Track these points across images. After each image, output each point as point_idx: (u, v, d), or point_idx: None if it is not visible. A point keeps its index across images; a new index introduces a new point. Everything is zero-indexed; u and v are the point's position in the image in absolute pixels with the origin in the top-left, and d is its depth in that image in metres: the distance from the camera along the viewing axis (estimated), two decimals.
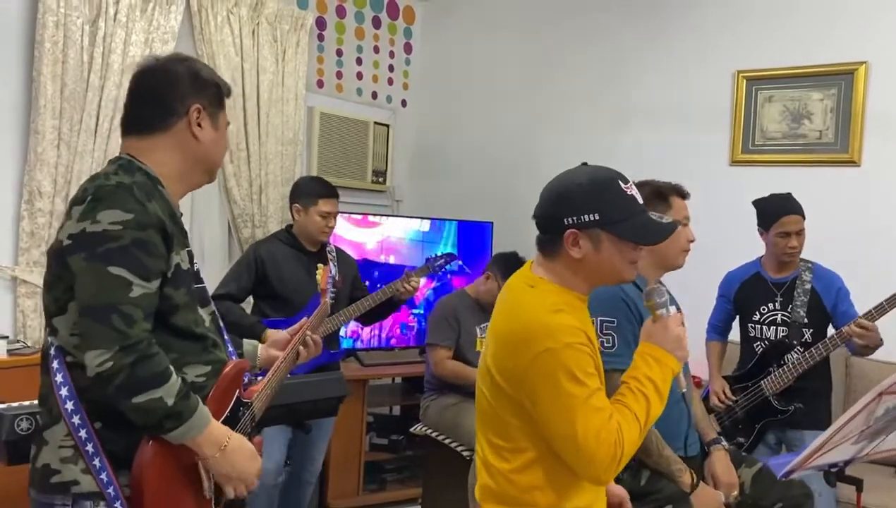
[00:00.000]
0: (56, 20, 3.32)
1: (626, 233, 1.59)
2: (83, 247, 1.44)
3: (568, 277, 1.64)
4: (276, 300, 3.15)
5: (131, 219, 1.45)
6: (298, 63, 4.33)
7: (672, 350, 1.62)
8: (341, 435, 3.81)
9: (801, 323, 2.96)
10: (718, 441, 2.33)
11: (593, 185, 1.61)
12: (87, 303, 1.43)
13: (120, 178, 1.51)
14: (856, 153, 3.63)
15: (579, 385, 1.52)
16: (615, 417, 1.53)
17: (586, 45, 4.51)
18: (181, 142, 1.61)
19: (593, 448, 1.50)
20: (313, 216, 3.18)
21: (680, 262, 2.31)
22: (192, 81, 1.62)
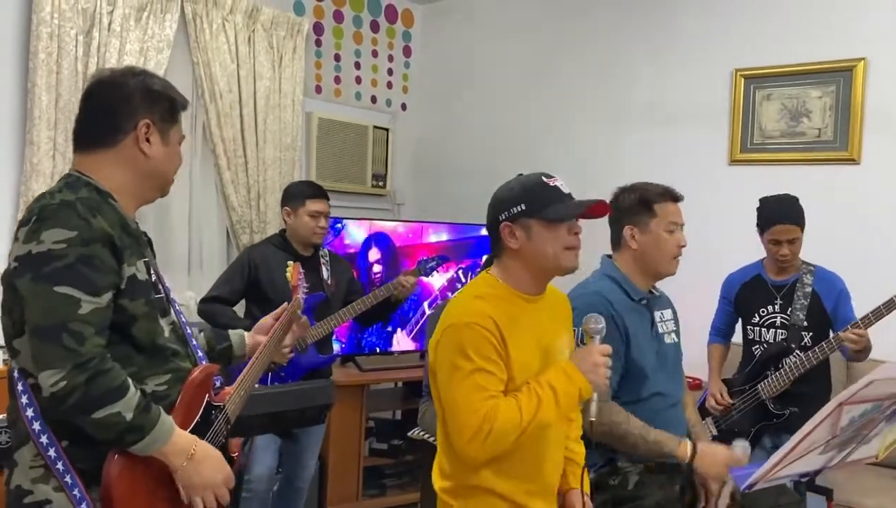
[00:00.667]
0: (50, 31, 3.34)
1: (548, 214, 1.75)
2: (29, 268, 1.44)
3: (514, 272, 1.80)
4: (268, 304, 3.12)
5: (75, 237, 1.44)
6: (295, 69, 4.34)
7: (585, 372, 1.72)
8: (340, 440, 3.81)
9: (801, 327, 2.92)
10: None
11: (520, 184, 1.82)
12: (36, 324, 1.43)
13: (63, 196, 1.50)
14: (855, 150, 3.58)
15: (466, 359, 1.67)
16: (497, 399, 1.66)
17: (584, 46, 4.49)
18: (128, 158, 1.59)
19: (463, 417, 1.65)
20: (303, 217, 3.19)
21: (671, 269, 2.27)
22: (143, 96, 1.60)
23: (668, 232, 2.23)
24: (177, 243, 3.92)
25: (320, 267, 3.27)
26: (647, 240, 2.23)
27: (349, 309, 3.20)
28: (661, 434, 2.12)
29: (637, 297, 2.24)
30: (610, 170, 4.30)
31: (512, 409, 1.65)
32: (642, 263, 2.26)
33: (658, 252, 2.23)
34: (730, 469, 2.10)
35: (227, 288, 3.16)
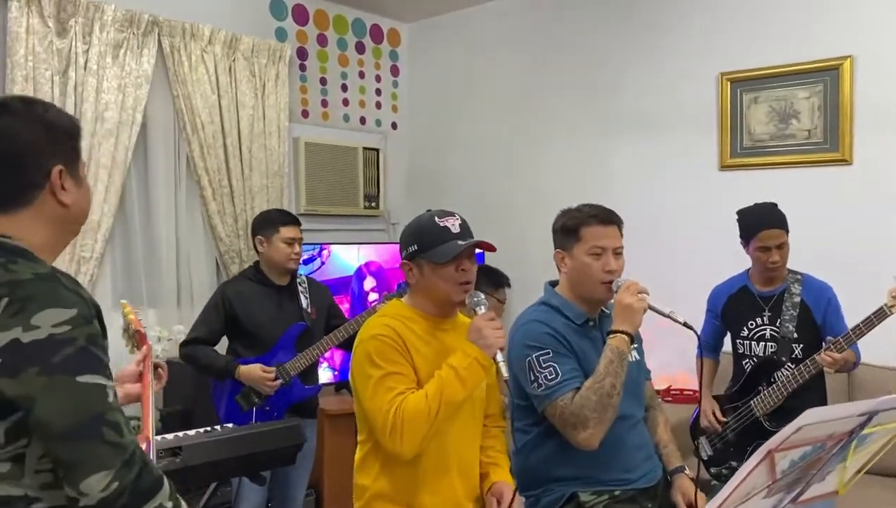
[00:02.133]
0: (25, 73, 3.36)
1: (430, 256, 1.91)
2: (30, 360, 1.19)
3: (418, 300, 2.00)
4: (248, 338, 3.12)
5: (76, 315, 1.24)
6: (279, 95, 4.33)
7: (474, 340, 1.86)
8: (336, 469, 3.77)
9: (791, 339, 2.82)
10: (682, 469, 2.22)
11: (416, 225, 1.99)
12: (68, 425, 1.20)
13: (30, 267, 1.27)
14: (847, 151, 3.48)
15: (375, 367, 1.84)
16: (405, 395, 1.81)
17: (570, 58, 4.44)
18: (47, 212, 1.36)
19: (376, 417, 1.82)
20: (277, 244, 3.15)
21: (601, 296, 2.14)
22: (46, 139, 1.35)
23: (593, 256, 2.11)
24: (165, 277, 3.91)
25: (298, 295, 3.23)
26: (574, 265, 2.15)
27: (331, 337, 3.16)
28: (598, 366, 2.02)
29: (580, 321, 2.16)
30: (602, 180, 4.25)
31: (418, 397, 1.81)
32: (576, 289, 2.18)
33: (585, 277, 2.13)
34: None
35: (206, 329, 3.13)
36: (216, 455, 2.20)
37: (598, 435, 1.98)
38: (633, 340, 2.07)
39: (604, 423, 1.98)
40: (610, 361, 2.00)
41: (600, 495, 2.08)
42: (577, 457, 2.06)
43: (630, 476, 2.11)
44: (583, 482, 2.08)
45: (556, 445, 2.08)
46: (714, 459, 2.98)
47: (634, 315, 2.03)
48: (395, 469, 1.91)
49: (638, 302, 2.03)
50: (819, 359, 2.63)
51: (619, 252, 2.15)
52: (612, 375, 1.99)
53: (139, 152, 3.82)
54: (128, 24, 3.69)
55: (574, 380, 2.03)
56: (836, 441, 1.19)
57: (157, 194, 3.87)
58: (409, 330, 1.92)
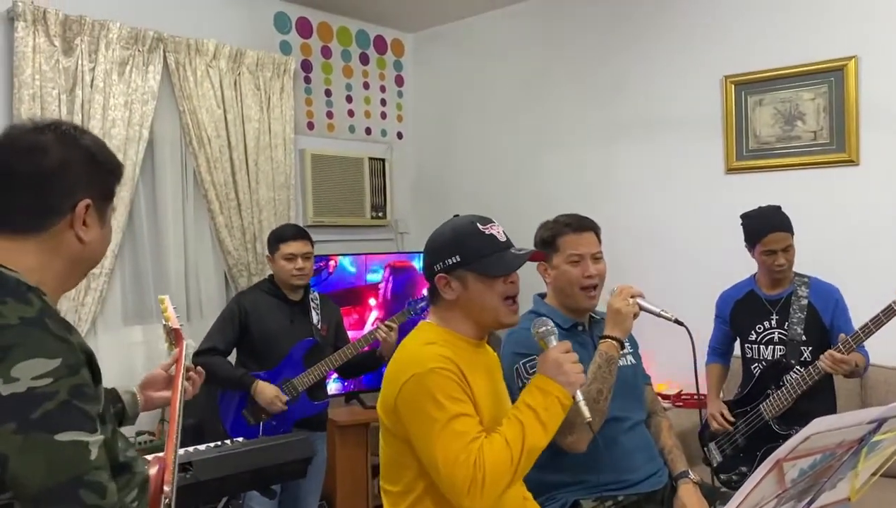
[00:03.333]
0: (32, 92, 3.38)
1: (482, 268, 1.71)
2: (7, 415, 1.11)
3: (451, 320, 1.77)
4: (258, 351, 3.13)
5: (60, 365, 1.15)
6: (285, 108, 4.35)
7: (553, 376, 1.67)
8: (347, 480, 3.78)
9: (799, 341, 2.81)
10: (686, 474, 2.20)
11: (454, 232, 1.76)
12: (42, 487, 1.12)
13: (18, 310, 1.18)
14: (853, 151, 3.47)
15: (440, 409, 1.58)
16: (480, 440, 1.57)
17: (574, 64, 4.44)
18: (60, 245, 1.27)
19: (451, 470, 1.55)
20: (279, 262, 3.16)
21: (583, 303, 2.18)
22: (86, 169, 1.28)
23: (572, 263, 2.16)
24: (174, 291, 3.92)
25: (310, 311, 3.24)
26: (556, 274, 2.20)
27: (338, 355, 3.17)
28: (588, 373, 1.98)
29: (566, 325, 2.19)
30: (608, 186, 4.25)
31: (499, 445, 1.58)
32: (560, 297, 2.22)
33: (566, 285, 2.17)
34: None
35: (221, 339, 3.13)
36: (227, 469, 2.20)
37: (584, 440, 1.99)
38: (622, 345, 2.08)
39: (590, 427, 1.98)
40: (598, 366, 2.02)
41: (604, 501, 2.07)
42: (569, 462, 2.07)
43: (630, 478, 2.11)
44: (581, 487, 2.09)
45: (548, 452, 2.08)
46: (724, 465, 2.96)
47: (625, 320, 2.04)
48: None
49: (627, 306, 2.04)
50: (820, 364, 2.62)
51: (597, 257, 2.20)
52: (599, 380, 2.00)
53: (147, 167, 3.84)
54: (133, 42, 3.71)
55: None
56: (846, 449, 1.18)
57: (165, 209, 3.89)
58: (460, 357, 1.68)
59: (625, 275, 2.42)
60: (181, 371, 1.67)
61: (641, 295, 2.08)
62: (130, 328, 3.79)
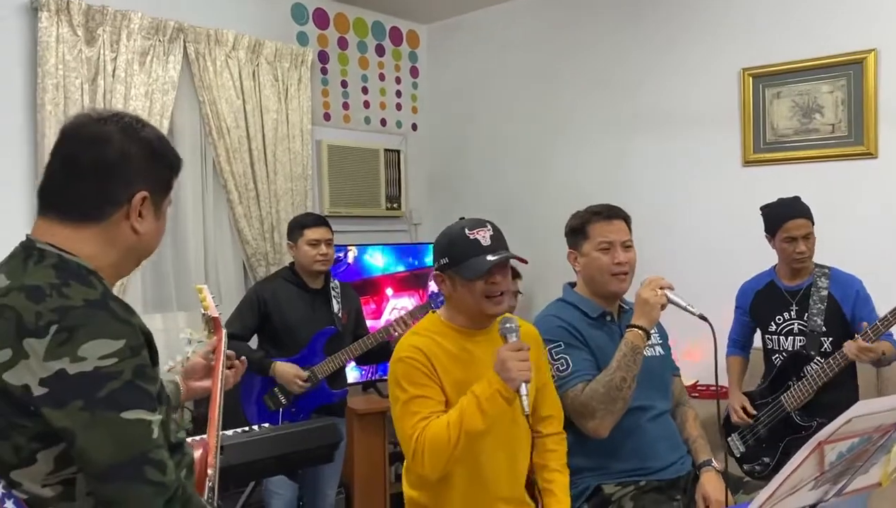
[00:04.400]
0: (56, 82, 3.41)
1: (460, 271, 1.92)
2: (74, 394, 1.16)
3: (452, 311, 2.02)
4: (279, 338, 3.17)
5: (123, 346, 1.19)
6: (302, 99, 4.37)
7: (498, 371, 1.82)
8: (364, 468, 3.81)
9: (819, 332, 2.83)
10: (709, 462, 2.23)
11: (446, 236, 1.99)
12: (110, 463, 1.17)
13: (82, 292, 1.22)
14: (871, 144, 3.47)
15: (401, 390, 1.88)
16: (429, 420, 1.82)
17: (590, 55, 4.44)
18: (115, 235, 1.31)
19: (403, 440, 1.86)
20: (303, 247, 3.19)
21: (614, 289, 2.24)
22: (145, 161, 1.32)
23: (601, 250, 2.21)
24: (194, 280, 3.95)
25: (331, 300, 3.27)
26: (586, 262, 2.25)
27: (357, 345, 3.20)
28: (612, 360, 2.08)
29: (594, 314, 2.24)
30: (624, 178, 4.26)
31: (439, 424, 1.82)
32: (591, 286, 2.27)
33: (596, 273, 2.23)
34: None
35: (240, 325, 3.16)
36: (255, 454, 2.24)
37: (606, 425, 2.05)
38: (649, 335, 2.12)
39: (612, 414, 2.05)
40: (623, 355, 2.07)
41: (625, 486, 2.11)
42: (594, 448, 2.12)
43: (652, 465, 2.15)
44: (602, 472, 2.14)
45: (573, 437, 2.14)
46: (746, 456, 2.98)
47: (651, 310, 2.08)
48: (430, 483, 1.93)
49: (655, 297, 2.08)
50: (845, 349, 2.62)
51: (627, 245, 2.24)
52: (623, 369, 2.05)
53: None
54: (154, 32, 3.74)
55: (585, 372, 2.11)
56: (882, 433, 1.20)
57: (185, 199, 3.92)
58: (438, 346, 1.92)
59: (640, 268, 2.44)
60: (221, 357, 1.70)
61: (671, 288, 2.11)
62: (150, 316, 3.82)
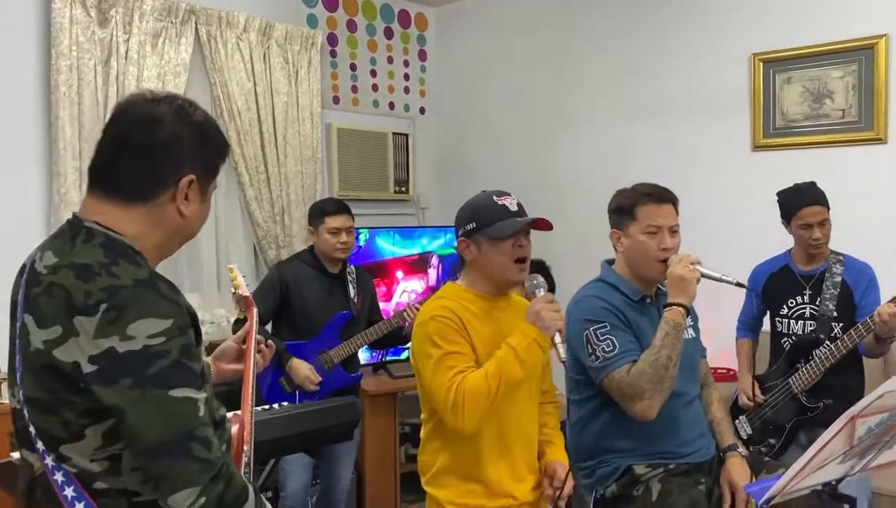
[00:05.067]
0: (69, 63, 3.42)
1: (490, 232, 1.95)
2: (124, 372, 1.18)
3: (472, 279, 2.04)
4: (297, 322, 3.19)
5: (171, 326, 1.21)
6: (312, 81, 4.38)
7: (533, 322, 1.90)
8: (376, 448, 3.85)
9: (830, 317, 2.85)
10: (735, 447, 2.26)
11: (473, 203, 2.03)
12: (158, 440, 1.19)
13: (130, 271, 1.23)
14: (882, 130, 3.50)
15: (435, 347, 1.90)
16: (465, 373, 1.86)
17: (600, 39, 4.45)
18: (161, 216, 1.32)
19: (439, 395, 1.87)
20: (323, 235, 3.21)
21: (656, 275, 2.20)
22: (195, 145, 1.33)
23: (648, 234, 2.17)
24: (205, 262, 3.98)
25: (347, 285, 3.29)
26: (630, 244, 2.20)
27: (372, 330, 3.24)
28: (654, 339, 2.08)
29: (636, 297, 2.22)
30: (633, 163, 4.27)
31: (478, 375, 1.86)
32: (632, 267, 2.23)
33: (641, 256, 2.19)
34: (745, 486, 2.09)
35: (262, 307, 3.14)
36: (277, 432, 2.26)
37: (654, 406, 2.04)
38: (689, 313, 2.11)
39: (660, 394, 2.03)
40: (666, 334, 2.05)
41: (655, 468, 2.13)
42: (632, 430, 2.12)
43: (682, 451, 2.17)
44: (637, 454, 2.14)
45: (610, 418, 2.14)
46: (753, 438, 3.02)
47: (688, 286, 2.08)
48: (457, 445, 1.96)
49: (690, 272, 2.08)
50: (878, 312, 2.55)
51: (674, 230, 2.20)
52: (667, 347, 2.04)
53: None
54: (166, 14, 3.74)
55: (631, 353, 2.09)
56: None
57: None
58: (466, 310, 1.96)
59: None
60: (253, 335, 1.71)
61: (700, 262, 2.11)
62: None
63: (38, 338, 1.23)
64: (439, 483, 2.01)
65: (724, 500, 2.17)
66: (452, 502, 1.98)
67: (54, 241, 1.33)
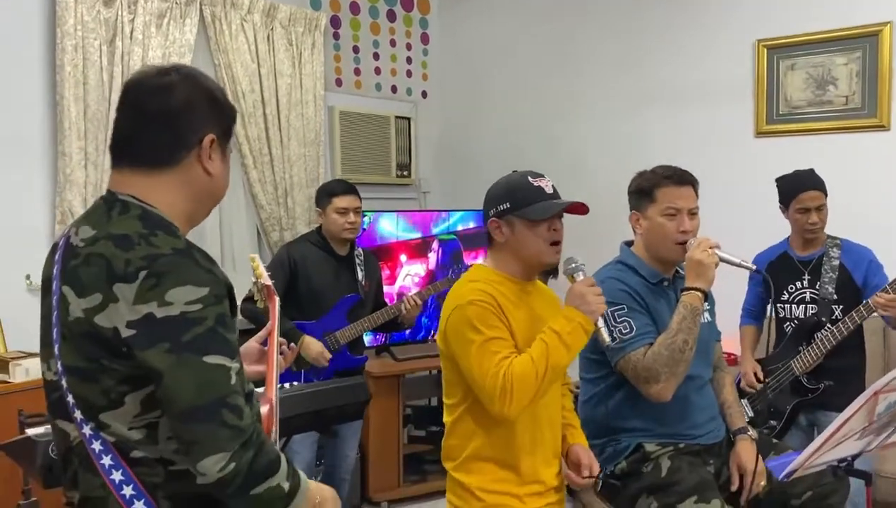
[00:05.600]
0: (74, 43, 3.40)
1: (526, 213, 1.90)
2: (161, 336, 1.21)
3: (502, 261, 1.98)
4: (304, 303, 3.20)
5: (208, 294, 1.23)
6: (315, 64, 4.37)
7: (577, 306, 1.85)
8: (379, 430, 3.88)
9: (830, 300, 2.90)
10: (745, 430, 2.28)
11: (507, 183, 1.97)
12: (190, 405, 1.21)
13: (169, 241, 1.26)
14: (884, 116, 3.53)
15: (476, 332, 1.83)
16: (510, 359, 1.81)
17: (605, 25, 4.45)
18: (191, 179, 1.35)
19: (485, 382, 1.80)
20: (331, 215, 3.22)
21: (675, 256, 2.21)
22: (209, 106, 1.36)
23: (667, 216, 2.18)
24: (208, 244, 3.98)
25: (355, 267, 3.31)
26: (649, 226, 2.21)
27: (377, 315, 3.26)
28: (672, 322, 2.09)
29: (654, 280, 2.23)
30: (636, 149, 4.28)
31: (525, 361, 1.80)
32: (651, 249, 2.24)
33: (659, 238, 2.20)
34: (767, 461, 2.11)
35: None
36: (290, 410, 2.29)
37: (670, 389, 2.05)
38: (706, 297, 2.12)
39: (675, 377, 2.05)
40: (683, 317, 2.06)
41: (665, 446, 2.16)
42: (645, 411, 2.14)
43: (692, 433, 2.20)
44: (648, 434, 2.17)
45: (623, 398, 2.17)
46: (755, 420, 3.05)
47: (706, 270, 2.08)
48: (491, 430, 1.90)
49: (708, 257, 2.08)
50: (872, 301, 2.63)
51: (693, 212, 2.21)
52: (684, 331, 2.05)
53: None
54: None
55: (648, 336, 2.11)
56: None
57: None
58: (500, 294, 1.90)
59: None
60: (276, 324, 1.72)
61: (719, 246, 2.12)
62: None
63: (79, 307, 1.26)
64: (469, 469, 1.94)
65: (733, 482, 2.21)
66: (483, 489, 1.92)
67: (90, 216, 1.35)
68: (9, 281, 3.29)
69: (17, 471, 2.53)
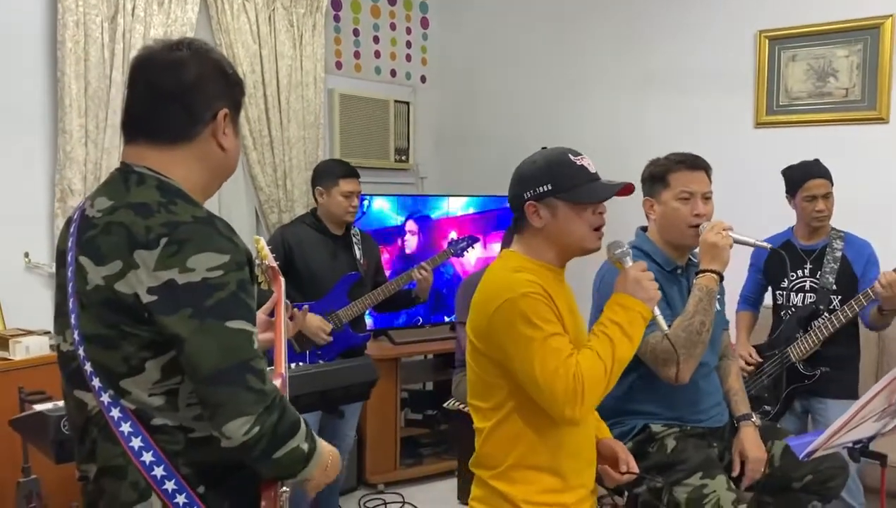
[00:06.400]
0: (76, 19, 3.36)
1: (574, 196, 1.73)
2: (183, 302, 1.22)
3: (537, 247, 1.80)
4: (303, 284, 3.20)
5: (229, 260, 1.24)
6: (316, 46, 4.35)
7: (634, 293, 1.74)
8: (376, 413, 3.89)
9: (829, 290, 2.94)
10: (749, 416, 2.32)
11: (546, 161, 1.78)
12: (215, 368, 1.21)
13: (189, 210, 1.28)
14: (884, 109, 3.56)
15: (535, 328, 1.65)
16: (575, 356, 1.65)
17: (605, 12, 4.45)
18: (206, 153, 1.36)
19: (551, 383, 1.63)
20: (336, 197, 3.22)
21: (689, 241, 2.23)
22: (221, 80, 1.37)
23: (682, 200, 2.18)
24: None
25: (353, 246, 3.31)
26: (663, 211, 2.22)
27: (379, 290, 3.26)
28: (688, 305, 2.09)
29: (669, 267, 2.25)
30: (635, 138, 4.31)
31: (592, 360, 1.66)
32: (665, 235, 2.26)
33: (673, 222, 2.20)
34: (788, 439, 2.13)
35: None
36: (297, 390, 2.29)
37: (687, 371, 2.06)
38: (722, 279, 2.14)
39: (693, 359, 2.06)
40: (699, 300, 2.08)
41: (671, 427, 2.19)
42: (654, 395, 2.17)
43: (698, 417, 2.23)
44: (654, 416, 2.20)
45: (634, 381, 2.19)
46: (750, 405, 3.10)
47: (721, 252, 2.09)
48: (541, 435, 1.75)
49: (723, 239, 2.09)
50: (879, 280, 2.63)
51: (707, 196, 2.22)
52: (701, 313, 2.06)
53: None
54: None
55: (665, 319, 2.11)
56: None
57: None
58: (545, 283, 1.74)
59: None
60: (282, 304, 1.73)
61: (732, 228, 2.13)
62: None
63: (98, 275, 1.27)
64: (512, 478, 1.76)
65: (735, 467, 2.24)
66: (529, 501, 1.74)
67: (106, 187, 1.36)
68: (8, 258, 3.27)
69: (17, 449, 2.52)
